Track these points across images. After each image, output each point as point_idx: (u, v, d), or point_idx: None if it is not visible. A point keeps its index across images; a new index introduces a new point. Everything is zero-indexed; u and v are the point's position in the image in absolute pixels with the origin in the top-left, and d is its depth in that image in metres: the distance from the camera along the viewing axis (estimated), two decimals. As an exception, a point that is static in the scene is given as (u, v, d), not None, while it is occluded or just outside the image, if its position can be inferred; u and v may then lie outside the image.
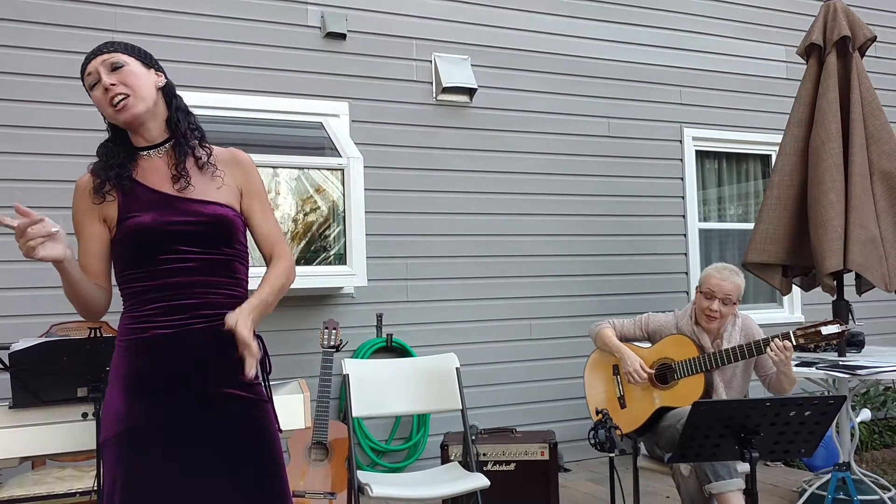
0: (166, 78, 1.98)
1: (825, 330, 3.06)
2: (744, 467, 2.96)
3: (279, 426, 1.95)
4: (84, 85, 1.92)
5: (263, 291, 1.89)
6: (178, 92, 2.03)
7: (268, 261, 2.01)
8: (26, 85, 4.00)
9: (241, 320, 1.76)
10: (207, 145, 1.98)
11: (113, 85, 1.84)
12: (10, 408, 2.44)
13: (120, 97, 1.84)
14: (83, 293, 1.82)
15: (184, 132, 1.94)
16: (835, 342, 3.08)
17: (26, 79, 4.00)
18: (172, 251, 1.82)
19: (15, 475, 3.01)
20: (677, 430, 3.07)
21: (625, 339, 3.51)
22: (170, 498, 1.76)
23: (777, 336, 3.07)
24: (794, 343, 3.06)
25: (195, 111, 3.94)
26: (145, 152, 1.92)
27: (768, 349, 3.06)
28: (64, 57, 4.06)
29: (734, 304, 3.31)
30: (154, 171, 1.90)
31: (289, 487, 1.91)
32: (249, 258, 1.98)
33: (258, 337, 1.92)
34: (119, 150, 1.90)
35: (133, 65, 1.90)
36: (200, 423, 1.81)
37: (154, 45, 4.20)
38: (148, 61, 1.95)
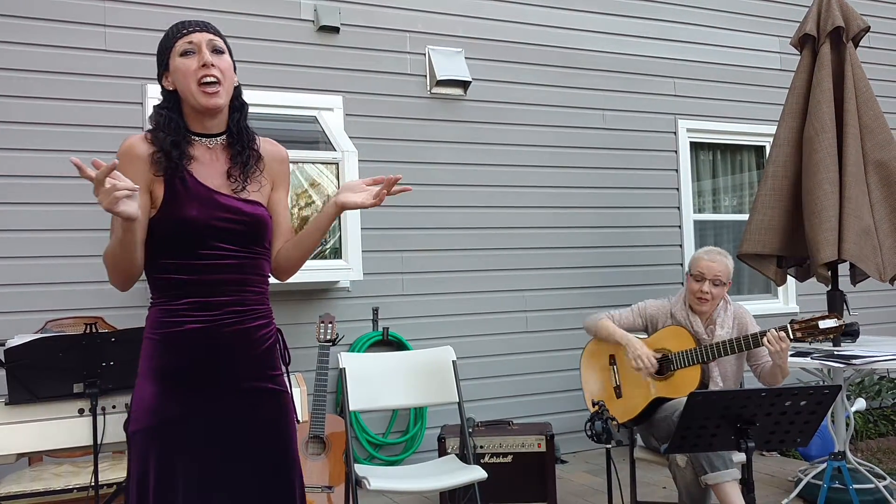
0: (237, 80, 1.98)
1: (823, 324, 3.05)
2: (740, 457, 2.97)
3: (297, 417, 1.99)
4: (171, 47, 1.88)
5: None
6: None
7: (278, 251, 2.01)
8: (12, 80, 3.97)
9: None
10: (257, 146, 1.97)
11: (213, 65, 1.83)
12: (6, 404, 2.43)
13: (213, 80, 1.83)
14: (135, 258, 1.77)
15: (245, 137, 1.94)
16: (832, 336, 3.08)
17: (11, 73, 3.97)
18: (212, 247, 1.82)
19: (12, 472, 3.01)
20: (673, 421, 3.08)
21: (623, 328, 3.50)
22: (200, 490, 1.79)
23: (774, 328, 3.08)
24: (792, 336, 3.06)
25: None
26: (199, 139, 1.90)
27: (764, 339, 3.07)
28: (50, 52, 4.03)
29: (724, 285, 3.33)
30: (205, 163, 1.88)
31: (302, 477, 1.94)
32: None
33: (278, 330, 1.96)
34: (175, 122, 1.87)
35: (228, 57, 1.91)
36: (231, 416, 1.84)
37: (144, 41, 4.20)
38: (233, 59, 1.95)
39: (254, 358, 1.88)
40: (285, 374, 1.97)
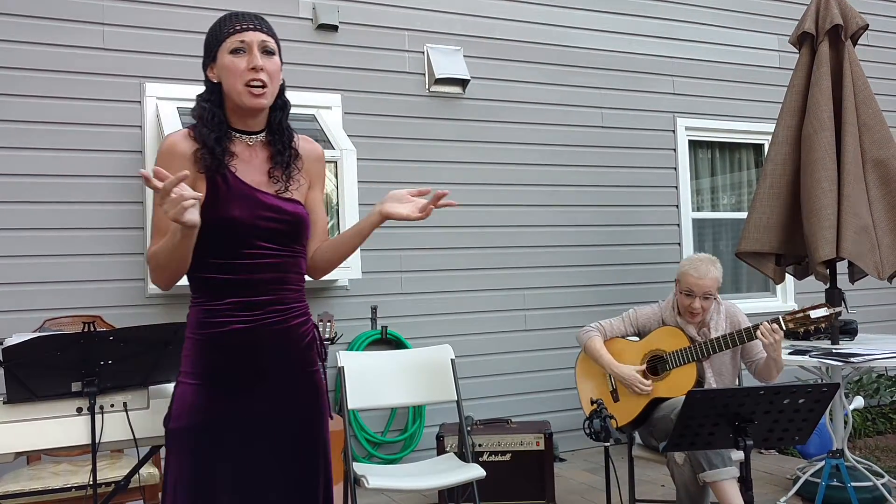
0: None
1: (814, 314, 3.09)
2: (738, 455, 2.97)
3: (331, 412, 2.03)
4: (221, 41, 1.85)
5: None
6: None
7: (314, 251, 2.01)
8: (11, 78, 3.96)
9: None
10: (296, 145, 1.96)
11: (262, 70, 1.82)
12: (3, 403, 2.43)
13: (260, 83, 1.82)
14: (187, 260, 1.76)
15: (286, 135, 1.93)
16: (824, 325, 3.11)
17: (10, 72, 3.96)
18: (254, 246, 1.82)
19: (10, 470, 3.01)
20: (671, 419, 3.08)
21: (615, 337, 3.49)
22: (241, 488, 1.81)
23: (767, 321, 3.10)
24: (784, 328, 3.08)
25: (185, 104, 3.96)
26: (239, 135, 1.89)
27: (758, 332, 3.08)
28: (48, 50, 4.02)
29: (714, 297, 3.33)
30: (245, 160, 1.87)
31: (331, 473, 1.98)
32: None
33: (315, 326, 1.97)
34: (218, 118, 1.85)
35: (278, 58, 1.90)
36: (274, 414, 1.85)
37: (143, 39, 4.20)
38: (282, 58, 1.93)
39: (295, 355, 1.90)
40: (321, 369, 1.99)
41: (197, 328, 1.84)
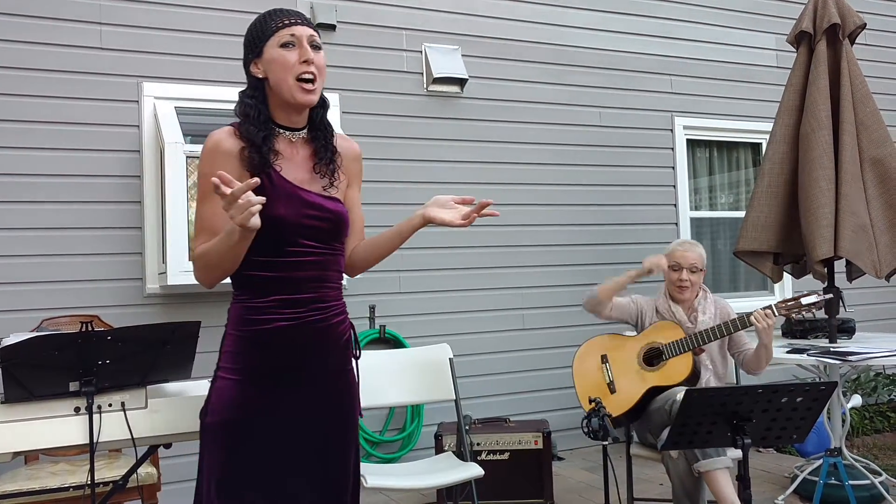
0: None
1: (805, 300, 3.21)
2: (736, 453, 2.98)
3: (360, 410, 2.06)
4: (268, 35, 1.84)
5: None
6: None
7: (352, 250, 2.06)
8: (8, 78, 3.95)
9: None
10: (335, 142, 1.97)
11: (313, 62, 1.83)
12: (1, 403, 2.43)
13: (311, 76, 1.82)
14: (238, 261, 1.77)
15: (325, 127, 1.94)
16: (814, 312, 3.19)
17: (7, 72, 3.95)
18: (298, 245, 1.83)
19: (8, 470, 3.01)
20: (665, 411, 3.12)
21: (618, 306, 3.58)
22: (279, 483, 1.82)
23: (759, 309, 3.22)
24: (777, 314, 3.20)
25: (183, 104, 3.95)
26: (282, 131, 1.89)
27: (752, 318, 3.19)
28: (45, 50, 4.02)
29: (700, 271, 3.47)
30: (288, 158, 1.88)
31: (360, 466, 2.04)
32: None
33: (351, 325, 1.99)
34: (264, 115, 1.85)
35: (323, 54, 1.90)
36: (313, 408, 1.88)
37: (140, 39, 4.19)
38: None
39: (334, 354, 1.92)
40: (355, 368, 2.01)
41: (240, 324, 1.85)
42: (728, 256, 5.85)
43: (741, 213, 5.10)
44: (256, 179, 1.62)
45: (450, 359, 3.39)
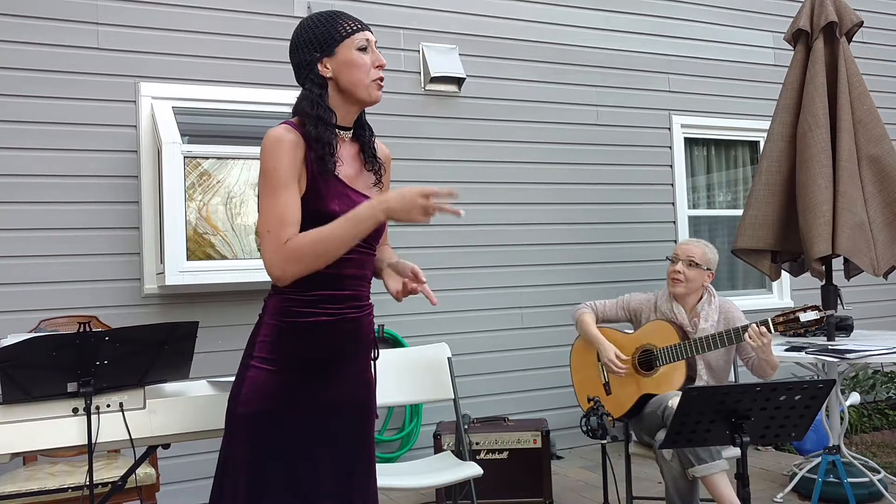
0: None
1: (804, 317, 3.07)
2: (734, 452, 2.98)
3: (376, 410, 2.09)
4: (341, 38, 1.91)
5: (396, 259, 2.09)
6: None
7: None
8: (4, 78, 3.94)
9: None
10: (374, 141, 2.02)
11: (384, 67, 1.93)
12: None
13: (383, 81, 1.92)
14: (339, 256, 1.83)
15: (367, 125, 2.00)
16: (814, 329, 3.10)
17: (3, 72, 3.94)
18: None
19: (6, 471, 3.01)
20: (658, 416, 3.10)
21: (607, 320, 3.55)
22: (299, 480, 1.83)
23: (756, 322, 3.09)
24: (773, 331, 3.07)
25: (180, 104, 3.94)
26: (338, 131, 1.93)
27: (746, 336, 3.08)
28: (42, 50, 4.01)
29: (699, 267, 3.37)
30: (341, 157, 1.92)
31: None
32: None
33: (379, 326, 2.05)
34: (332, 116, 1.89)
35: None
36: (346, 403, 1.92)
37: (137, 39, 4.19)
38: None
39: (363, 350, 1.99)
40: (374, 366, 2.05)
41: (281, 315, 1.87)
42: (726, 255, 5.86)
43: (739, 212, 5.10)
44: (454, 190, 1.80)
45: (448, 358, 3.39)
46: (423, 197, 1.76)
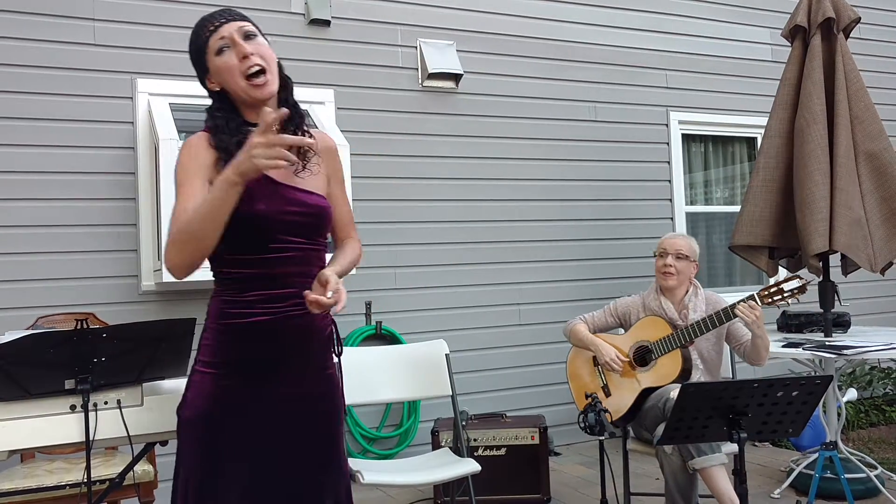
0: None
1: (787, 286, 3.13)
2: (731, 448, 2.99)
3: (345, 407, 2.02)
4: (204, 48, 1.84)
5: (343, 263, 1.96)
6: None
7: (339, 245, 2.04)
8: (0, 75, 3.94)
9: (330, 272, 1.79)
10: (308, 129, 1.93)
11: (252, 54, 1.78)
12: (-3, 401, 2.42)
13: (257, 68, 1.78)
14: (218, 232, 1.69)
15: (298, 114, 1.90)
16: (798, 295, 3.13)
17: (0, 69, 3.94)
18: (279, 240, 1.81)
19: (4, 469, 3.00)
20: (660, 408, 3.11)
21: (598, 329, 3.55)
22: (254, 478, 1.80)
23: (742, 300, 3.13)
24: (760, 303, 3.12)
25: (178, 100, 3.92)
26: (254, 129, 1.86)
27: (736, 311, 3.12)
28: (38, 46, 4.00)
29: (687, 259, 3.42)
30: None
31: (349, 469, 2.00)
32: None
33: (333, 321, 1.97)
34: (233, 122, 1.83)
35: (261, 37, 1.85)
36: (290, 404, 1.85)
37: (134, 34, 4.18)
38: (265, 36, 1.89)
39: (315, 349, 1.90)
40: (337, 364, 1.99)
41: (219, 318, 1.84)
42: (723, 251, 5.87)
43: (736, 208, 5.11)
44: (285, 110, 1.62)
45: (446, 354, 3.39)
46: (260, 135, 1.58)
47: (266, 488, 1.82)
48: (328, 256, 1.97)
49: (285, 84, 1.90)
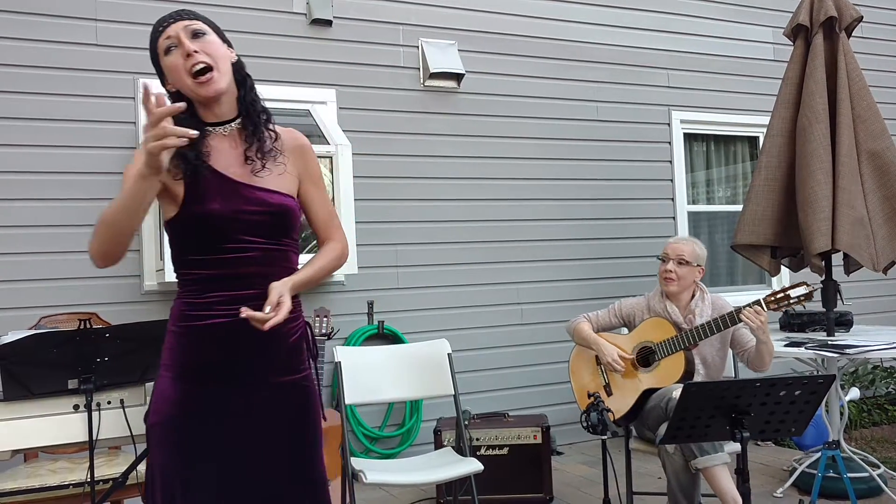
0: (236, 54, 1.88)
1: (794, 293, 3.12)
2: (734, 447, 2.98)
3: (323, 413, 1.96)
4: (156, 50, 1.82)
5: (308, 271, 1.87)
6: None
7: (320, 246, 1.99)
8: (2, 75, 3.94)
9: (279, 287, 1.74)
10: (273, 127, 1.89)
11: (196, 52, 1.75)
12: (0, 401, 2.42)
13: (202, 66, 1.75)
14: (133, 225, 1.68)
15: (257, 112, 1.87)
16: (804, 304, 3.13)
17: (3, 69, 3.94)
18: (237, 240, 1.78)
19: (7, 468, 3.01)
20: (662, 408, 3.11)
21: (602, 328, 3.54)
22: (216, 483, 1.77)
23: (748, 305, 3.11)
24: (766, 309, 3.10)
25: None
26: (213, 128, 1.84)
27: (741, 316, 3.10)
28: (41, 47, 4.01)
29: (689, 265, 3.38)
30: (222, 153, 1.82)
31: (325, 472, 1.92)
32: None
33: (307, 324, 1.94)
34: (189, 124, 1.77)
35: (212, 36, 1.81)
36: (252, 409, 1.81)
37: (136, 34, 4.18)
38: (222, 35, 1.86)
39: (280, 352, 1.85)
40: (312, 369, 1.94)
41: (178, 321, 1.81)
42: (725, 250, 5.86)
43: (738, 207, 5.10)
44: (184, 104, 1.58)
45: (448, 354, 3.38)
46: (149, 126, 1.56)
47: (236, 492, 1.78)
48: (303, 258, 1.93)
49: (244, 81, 1.87)
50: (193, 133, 1.58)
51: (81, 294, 3.96)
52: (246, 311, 1.65)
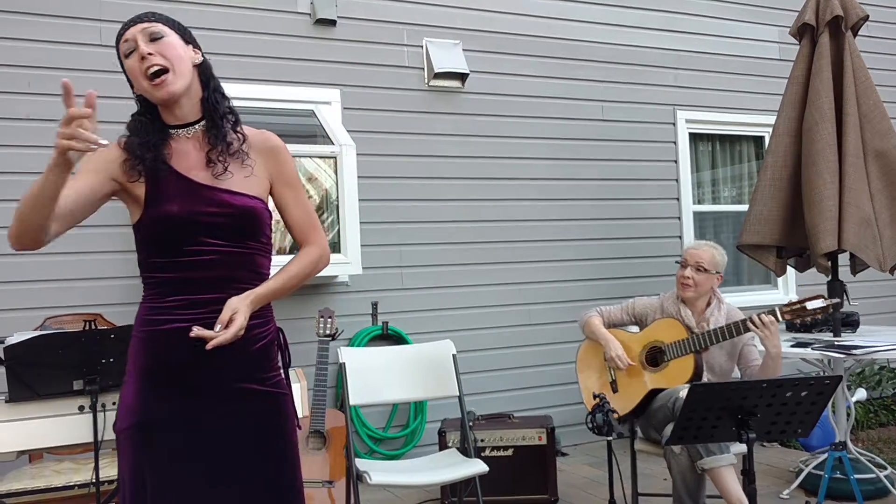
0: (203, 56, 1.87)
1: (811, 305, 3.09)
2: (740, 448, 2.97)
3: (298, 419, 1.92)
4: (119, 53, 1.82)
5: (278, 281, 1.83)
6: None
7: (299, 250, 1.95)
8: (7, 75, 3.95)
9: (234, 303, 1.71)
10: (240, 130, 1.88)
11: (150, 55, 1.74)
12: (6, 402, 2.43)
13: (156, 68, 1.74)
14: (42, 215, 1.65)
15: (220, 115, 1.85)
16: (820, 316, 3.10)
17: (6, 69, 3.95)
18: (199, 243, 1.76)
19: (13, 469, 3.01)
20: (668, 408, 3.10)
21: (612, 325, 3.54)
22: (180, 490, 1.74)
23: (763, 312, 3.09)
24: (780, 319, 3.08)
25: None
26: (176, 131, 1.83)
27: (749, 323, 3.09)
28: (45, 47, 4.01)
29: (707, 272, 3.35)
30: (185, 155, 1.81)
31: (301, 479, 1.87)
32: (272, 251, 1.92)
33: (279, 329, 1.91)
34: (151, 127, 1.81)
35: (172, 37, 1.80)
36: (215, 417, 1.77)
37: (143, 35, 4.18)
38: (187, 36, 1.84)
39: (244, 358, 1.80)
40: (283, 375, 1.90)
41: (140, 325, 1.79)
42: (731, 250, 5.83)
43: (744, 207, 5.09)
44: (91, 112, 1.58)
45: (453, 355, 3.38)
46: (63, 123, 1.56)
47: (203, 499, 1.75)
48: (276, 260, 1.89)
49: (208, 83, 1.86)
50: (104, 142, 1.57)
51: (86, 295, 3.96)
52: (196, 331, 1.65)
